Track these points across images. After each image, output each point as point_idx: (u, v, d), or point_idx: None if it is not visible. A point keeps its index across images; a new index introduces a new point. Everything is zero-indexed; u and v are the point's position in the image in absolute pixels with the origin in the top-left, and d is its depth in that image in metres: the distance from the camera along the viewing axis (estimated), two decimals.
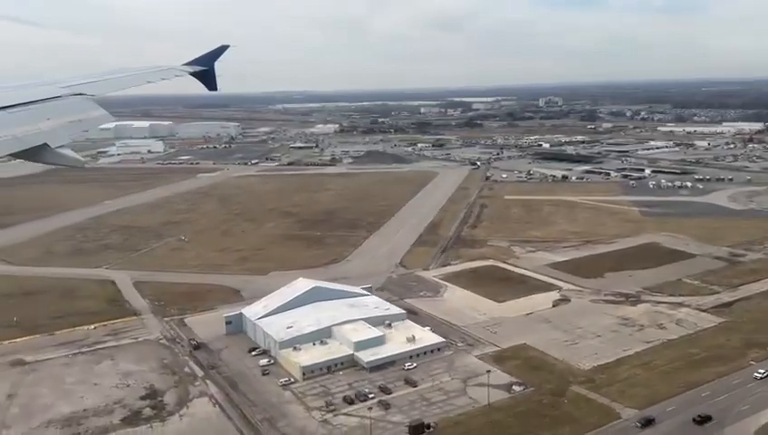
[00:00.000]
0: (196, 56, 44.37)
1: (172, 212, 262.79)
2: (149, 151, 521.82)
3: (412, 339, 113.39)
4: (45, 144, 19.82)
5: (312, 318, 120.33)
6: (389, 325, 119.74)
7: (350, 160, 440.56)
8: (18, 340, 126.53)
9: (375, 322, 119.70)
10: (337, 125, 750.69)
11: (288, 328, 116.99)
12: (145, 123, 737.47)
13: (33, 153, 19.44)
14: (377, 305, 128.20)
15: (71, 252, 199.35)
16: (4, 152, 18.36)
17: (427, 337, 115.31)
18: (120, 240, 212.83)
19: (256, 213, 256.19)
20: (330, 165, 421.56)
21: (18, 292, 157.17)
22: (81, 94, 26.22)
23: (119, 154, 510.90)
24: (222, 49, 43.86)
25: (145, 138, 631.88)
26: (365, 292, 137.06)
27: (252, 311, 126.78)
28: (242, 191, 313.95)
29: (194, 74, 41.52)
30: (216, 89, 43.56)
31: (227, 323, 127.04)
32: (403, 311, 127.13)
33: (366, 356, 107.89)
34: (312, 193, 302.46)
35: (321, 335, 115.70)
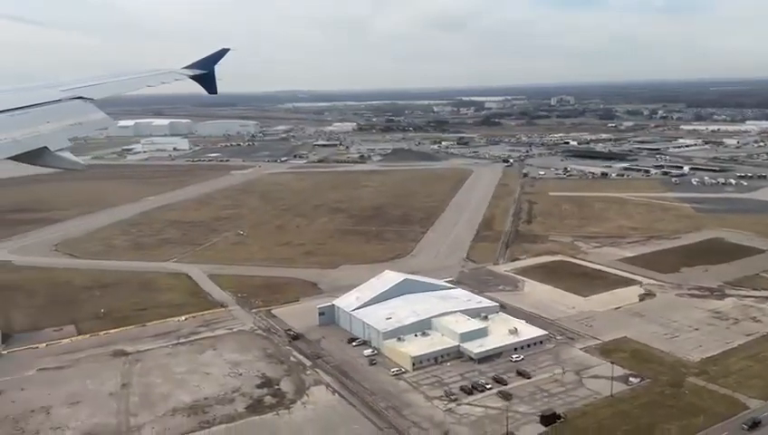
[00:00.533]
0: (198, 58, 44.23)
1: (218, 208, 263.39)
2: (175, 149, 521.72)
3: (515, 331, 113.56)
4: (45, 147, 19.95)
5: (409, 310, 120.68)
6: (485, 317, 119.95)
7: (379, 158, 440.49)
8: (112, 331, 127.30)
9: (471, 314, 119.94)
10: (354, 123, 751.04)
11: (387, 319, 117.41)
12: (165, 121, 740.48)
13: (33, 156, 19.56)
14: (468, 298, 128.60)
15: (132, 246, 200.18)
16: (4, 155, 18.35)
17: (528, 330, 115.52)
18: (178, 235, 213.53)
19: (303, 209, 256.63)
20: (359, 162, 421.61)
21: (95, 284, 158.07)
22: (80, 98, 26.38)
23: (144, 151, 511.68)
24: (222, 52, 43.81)
25: (165, 135, 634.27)
26: (450, 285, 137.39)
27: (344, 302, 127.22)
28: (281, 188, 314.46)
29: (194, 77, 41.53)
30: (215, 92, 43.57)
31: (320, 314, 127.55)
32: (496, 303, 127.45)
33: (473, 347, 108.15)
34: (352, 190, 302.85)
35: (422, 326, 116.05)
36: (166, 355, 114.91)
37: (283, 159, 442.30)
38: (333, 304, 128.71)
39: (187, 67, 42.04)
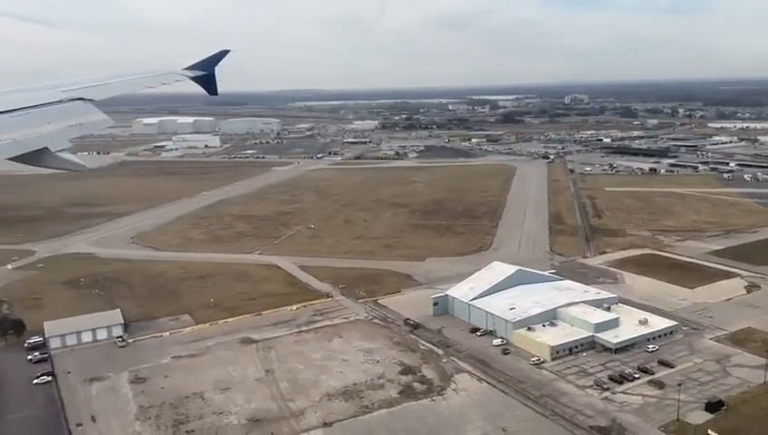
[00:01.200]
0: (201, 57, 44.39)
1: (277, 203, 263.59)
2: (206, 146, 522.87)
3: (645, 322, 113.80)
4: (46, 148, 20.04)
5: (530, 300, 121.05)
6: (608, 308, 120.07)
7: (415, 155, 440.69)
8: (230, 320, 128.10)
9: (593, 305, 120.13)
10: (376, 122, 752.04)
11: (511, 309, 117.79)
12: (189, 119, 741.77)
13: (34, 157, 19.68)
14: (585, 290, 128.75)
15: (209, 239, 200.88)
16: (4, 156, 18.45)
17: (657, 320, 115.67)
18: (250, 228, 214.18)
19: (362, 204, 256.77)
20: (396, 159, 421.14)
21: (192, 276, 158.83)
22: (80, 99, 26.64)
23: (176, 148, 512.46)
24: (222, 54, 44.28)
25: (190, 133, 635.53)
26: (559, 277, 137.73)
27: (459, 293, 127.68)
28: (330, 183, 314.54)
29: (194, 79, 41.97)
30: (216, 93, 43.91)
31: (434, 304, 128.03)
32: (615, 295, 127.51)
33: (609, 338, 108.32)
34: (403, 185, 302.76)
35: (547, 317, 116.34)
36: (294, 343, 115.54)
37: (318, 155, 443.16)
38: (447, 295, 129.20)
39: (187, 68, 42.56)
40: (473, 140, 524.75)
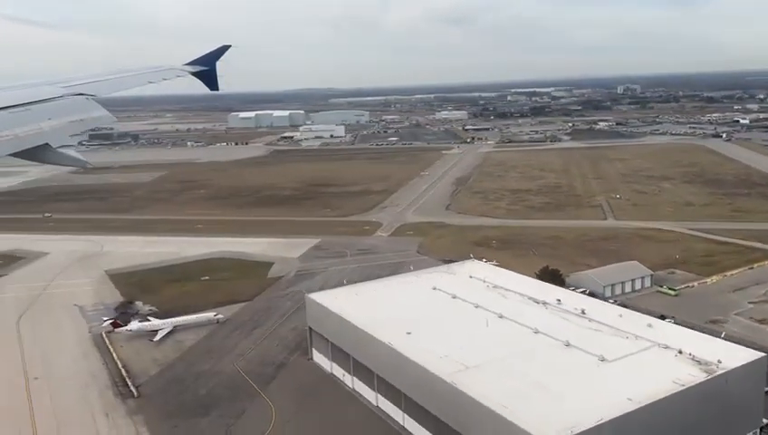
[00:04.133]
0: (198, 56, 42.41)
1: (527, 179, 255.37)
2: (332, 136, 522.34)
3: None
4: (47, 144, 19.91)
5: None
6: None
7: (568, 138, 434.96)
8: (734, 272, 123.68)
9: None
10: (464, 111, 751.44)
11: None
12: (284, 112, 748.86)
13: (35, 153, 19.64)
14: None
15: (525, 209, 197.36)
16: (5, 152, 18.19)
17: None
18: (546, 200, 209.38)
19: (613, 177, 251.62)
20: (554, 142, 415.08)
21: (591, 238, 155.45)
22: (81, 94, 25.66)
23: (305, 139, 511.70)
24: (223, 49, 42.44)
25: (287, 125, 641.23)
26: None
27: None
28: (537, 162, 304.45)
29: (195, 74, 40.72)
30: (217, 89, 42.01)
31: None
32: None
33: None
34: (616, 162, 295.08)
35: None
36: None
37: (467, 140, 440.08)
38: None
39: (188, 64, 41.24)
40: (600, 124, 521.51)
